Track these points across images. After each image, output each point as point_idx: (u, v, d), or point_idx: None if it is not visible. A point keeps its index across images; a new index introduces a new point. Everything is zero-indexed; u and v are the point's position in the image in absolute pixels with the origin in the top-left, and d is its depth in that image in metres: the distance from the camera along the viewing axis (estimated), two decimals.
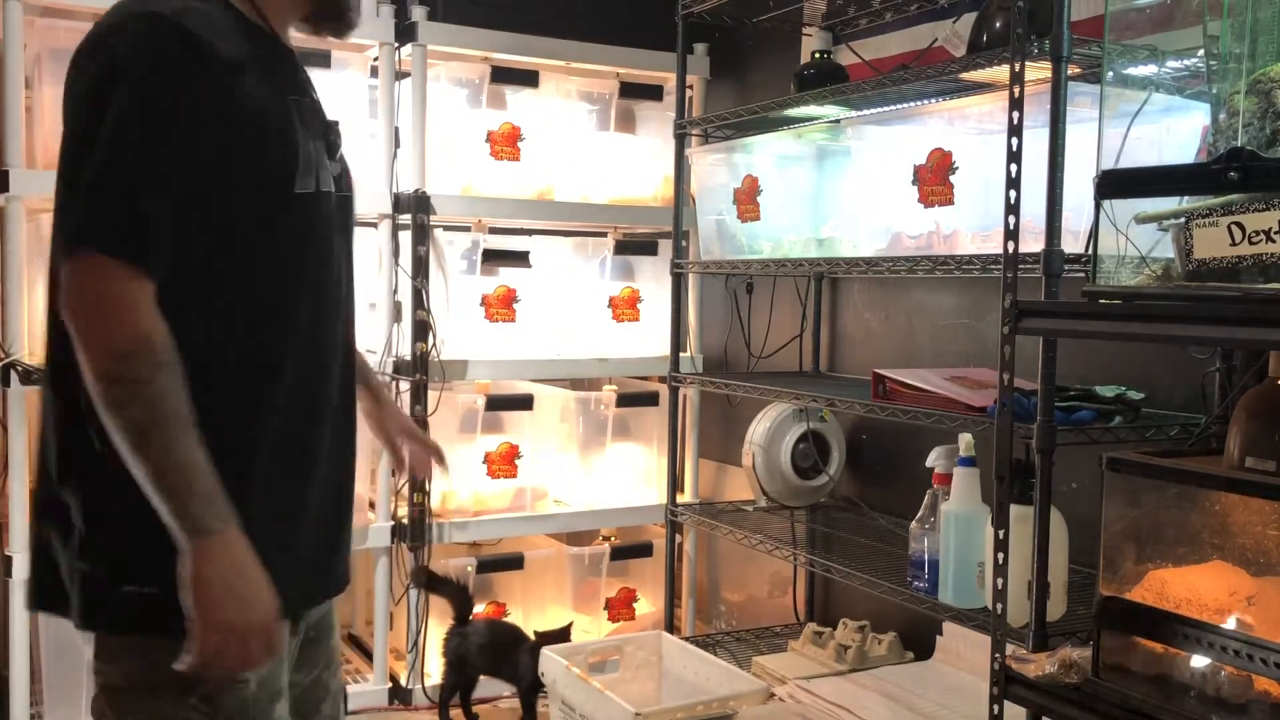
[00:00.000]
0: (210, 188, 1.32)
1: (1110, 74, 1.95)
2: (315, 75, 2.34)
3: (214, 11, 1.37)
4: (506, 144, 3.31)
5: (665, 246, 3.49)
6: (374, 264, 3.21)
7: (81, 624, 1.37)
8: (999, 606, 2.00)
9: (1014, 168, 1.97)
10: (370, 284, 3.21)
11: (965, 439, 2.34)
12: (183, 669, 1.28)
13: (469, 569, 3.26)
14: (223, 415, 1.34)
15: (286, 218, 1.40)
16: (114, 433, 1.25)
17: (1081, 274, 1.98)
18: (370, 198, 3.15)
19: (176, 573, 1.27)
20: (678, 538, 3.47)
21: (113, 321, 1.24)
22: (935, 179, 2.42)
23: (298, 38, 1.55)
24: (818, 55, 3.02)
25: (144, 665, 1.34)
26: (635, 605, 3.56)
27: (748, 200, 3.04)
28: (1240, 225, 1.61)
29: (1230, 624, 1.65)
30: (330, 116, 1.53)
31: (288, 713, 1.45)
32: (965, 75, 2.38)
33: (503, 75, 3.30)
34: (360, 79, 3.16)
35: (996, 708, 1.95)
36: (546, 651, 2.94)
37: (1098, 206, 1.76)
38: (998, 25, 2.31)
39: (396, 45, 3.14)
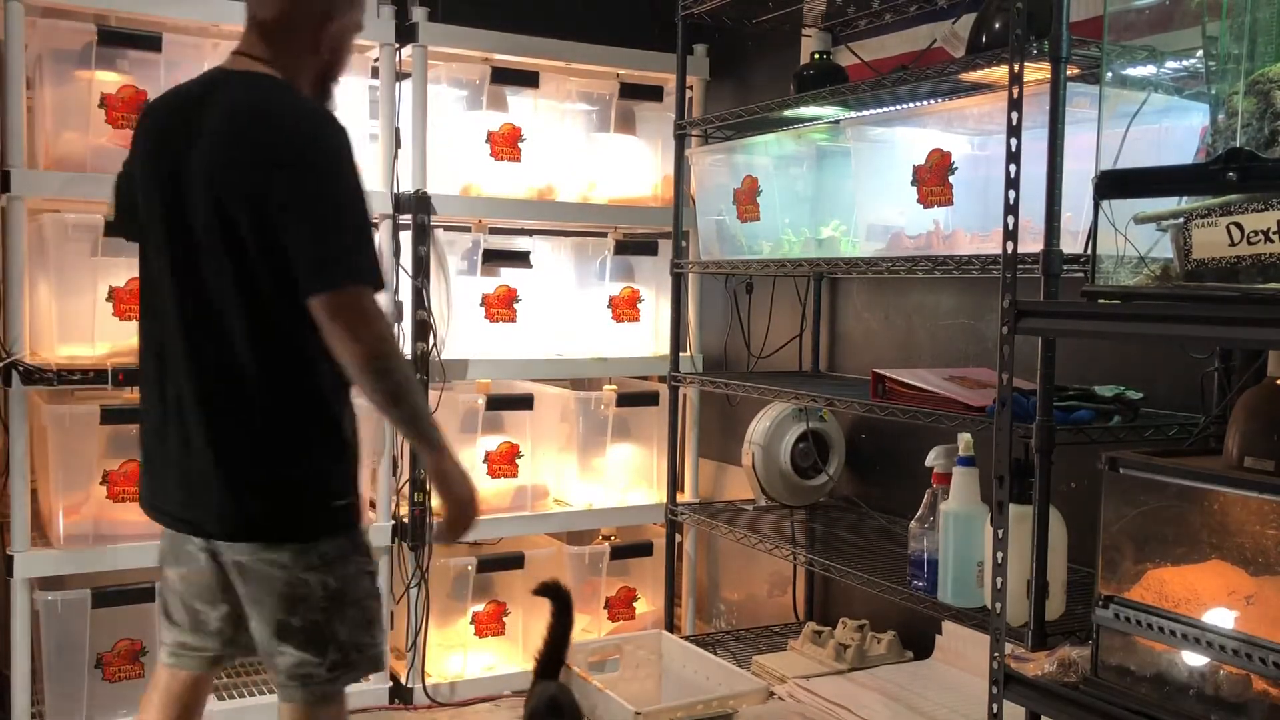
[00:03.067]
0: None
1: (1109, 75, 1.96)
2: None
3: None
4: (507, 144, 3.32)
5: (665, 246, 3.50)
6: None
7: (304, 537, 1.93)
8: (998, 606, 2.00)
9: (1013, 168, 1.97)
10: None
11: (964, 439, 2.34)
12: (437, 535, 2.18)
13: (468, 567, 3.26)
14: (335, 397, 1.97)
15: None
16: (379, 394, 1.88)
17: (1080, 274, 1.99)
18: (371, 198, 3.14)
19: (357, 489, 1.99)
20: (677, 537, 3.48)
21: (376, 327, 1.87)
22: (934, 179, 2.43)
23: None
24: (817, 56, 3.03)
25: (340, 545, 1.97)
26: (635, 604, 3.57)
27: (747, 200, 3.05)
28: (1239, 225, 1.61)
29: (1229, 623, 1.66)
30: None
31: None
32: (964, 76, 2.38)
33: (503, 76, 3.31)
34: (361, 80, 3.16)
35: (995, 707, 1.96)
36: None
37: (1097, 207, 1.77)
38: (997, 26, 2.32)
39: (397, 46, 3.14)
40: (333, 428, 1.96)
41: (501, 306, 3.32)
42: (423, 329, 3.16)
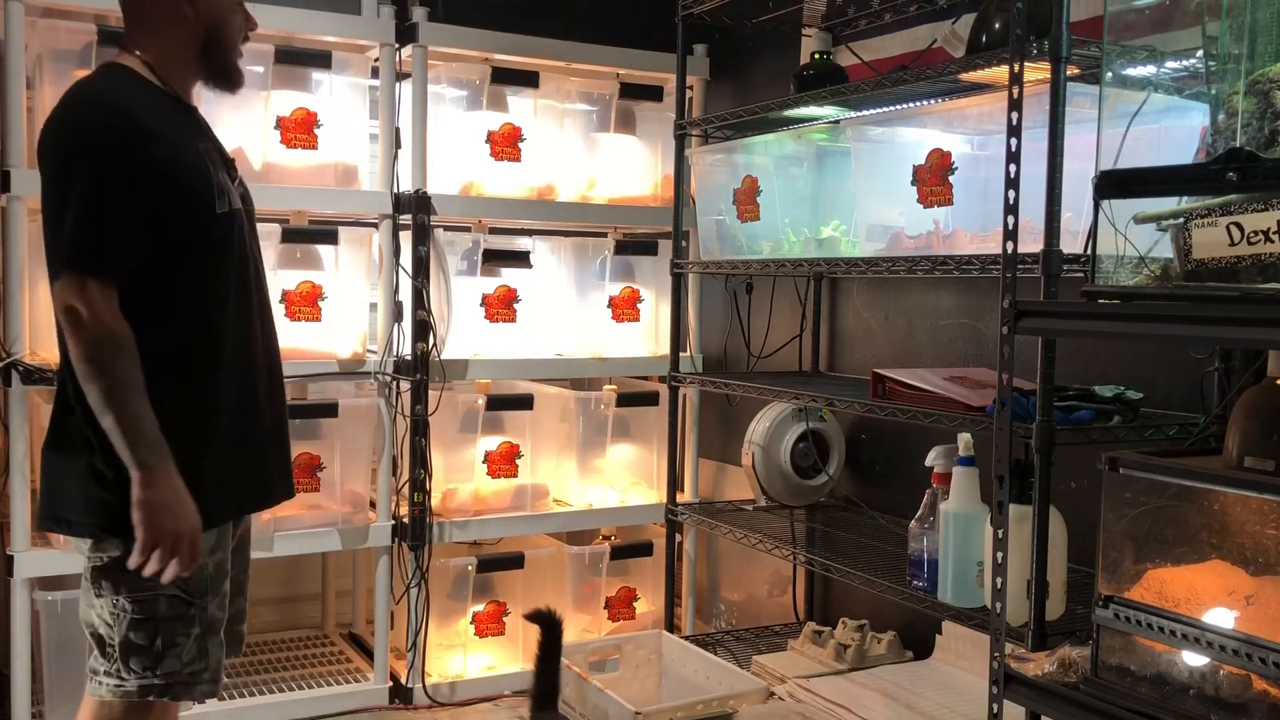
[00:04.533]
0: (153, 218, 1.85)
1: (1109, 75, 1.96)
2: (315, 75, 2.41)
3: (133, 89, 1.91)
4: (507, 144, 3.32)
5: (665, 246, 3.50)
6: (374, 264, 3.22)
7: (92, 531, 1.87)
8: (998, 606, 2.00)
9: (1013, 168, 1.97)
10: (372, 284, 3.23)
11: (964, 439, 2.35)
12: (132, 565, 1.82)
13: (468, 567, 3.26)
14: (177, 383, 1.88)
15: (212, 230, 1.93)
16: (88, 395, 1.78)
17: (1080, 274, 1.99)
18: (371, 198, 3.15)
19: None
20: (677, 537, 3.48)
21: (90, 320, 1.78)
22: (934, 179, 2.43)
23: (301, 38, 1.69)
24: (817, 56, 3.03)
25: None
26: (635, 604, 3.57)
27: (747, 200, 3.05)
28: (1239, 225, 1.61)
29: (1229, 623, 1.66)
30: (228, 151, 2.08)
31: (228, 588, 2.02)
32: (964, 76, 2.38)
33: (503, 76, 3.31)
34: (361, 80, 3.16)
35: (996, 707, 1.96)
36: None
37: (1097, 207, 1.77)
38: (997, 26, 2.32)
39: (397, 46, 3.14)
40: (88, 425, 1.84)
41: (501, 306, 3.32)
42: (423, 329, 3.16)
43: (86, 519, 1.87)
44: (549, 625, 2.33)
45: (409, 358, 3.16)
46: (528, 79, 3.34)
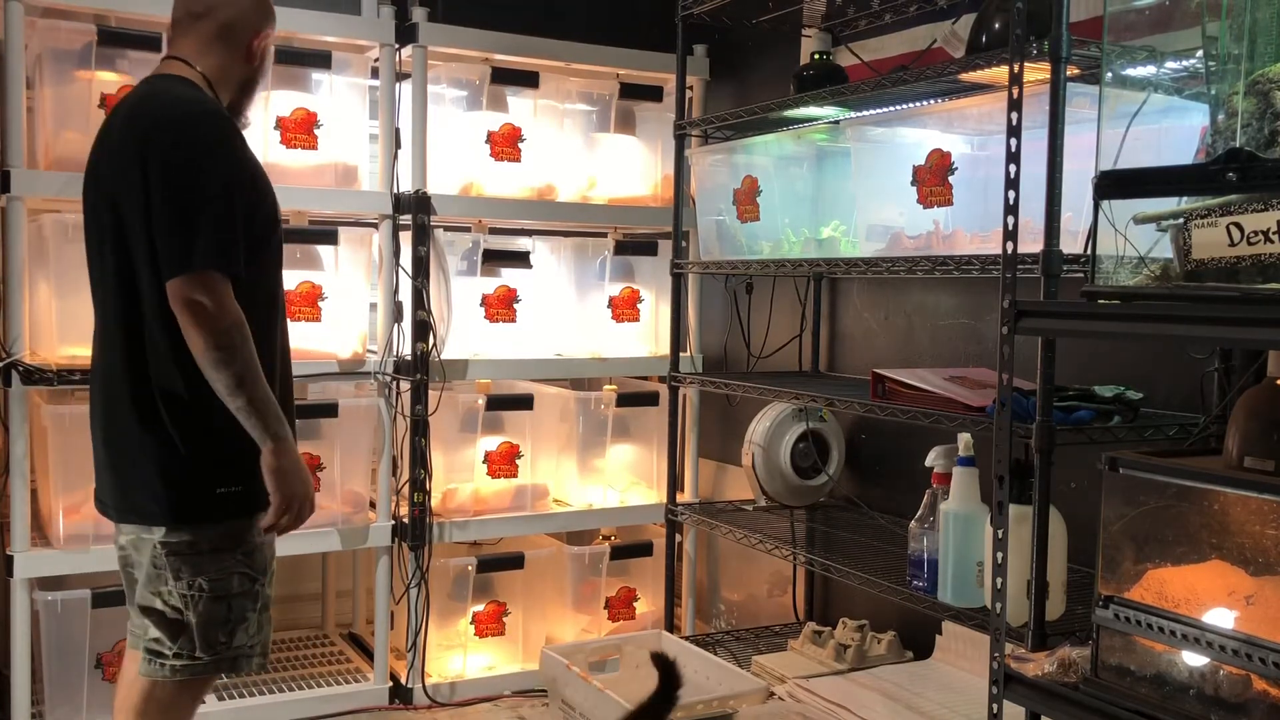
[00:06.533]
0: (247, 219, 2.03)
1: (1109, 75, 1.96)
2: (315, 76, 2.73)
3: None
4: (507, 144, 3.32)
5: (665, 246, 3.50)
6: (374, 264, 3.22)
7: (171, 522, 2.02)
8: (998, 606, 2.00)
9: (1013, 168, 1.98)
10: (372, 285, 3.22)
11: (964, 439, 2.35)
12: (265, 525, 2.05)
13: (468, 567, 3.26)
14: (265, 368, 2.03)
15: (275, 234, 2.14)
16: (218, 382, 1.93)
17: (1080, 274, 1.99)
18: (371, 198, 3.15)
19: (250, 474, 2.02)
20: (677, 537, 3.48)
21: (218, 312, 1.93)
22: (934, 179, 2.43)
23: (301, 38, 1.92)
24: (817, 56, 3.03)
25: (213, 536, 2.04)
26: (635, 604, 3.57)
27: (747, 200, 3.05)
28: (1239, 225, 1.61)
29: (1229, 623, 1.66)
30: None
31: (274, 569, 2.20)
32: (964, 76, 2.38)
33: (503, 76, 3.31)
34: (361, 80, 3.16)
35: (995, 707, 1.96)
36: (546, 651, 2.95)
37: (1096, 207, 1.77)
38: (996, 26, 2.32)
39: (397, 46, 3.14)
40: (204, 416, 2.01)
41: (501, 307, 3.33)
42: (423, 329, 3.16)
43: (163, 509, 2.01)
44: (668, 674, 2.21)
45: (409, 358, 3.16)
46: (528, 79, 3.34)
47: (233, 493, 2.04)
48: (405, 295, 3.18)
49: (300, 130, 3.05)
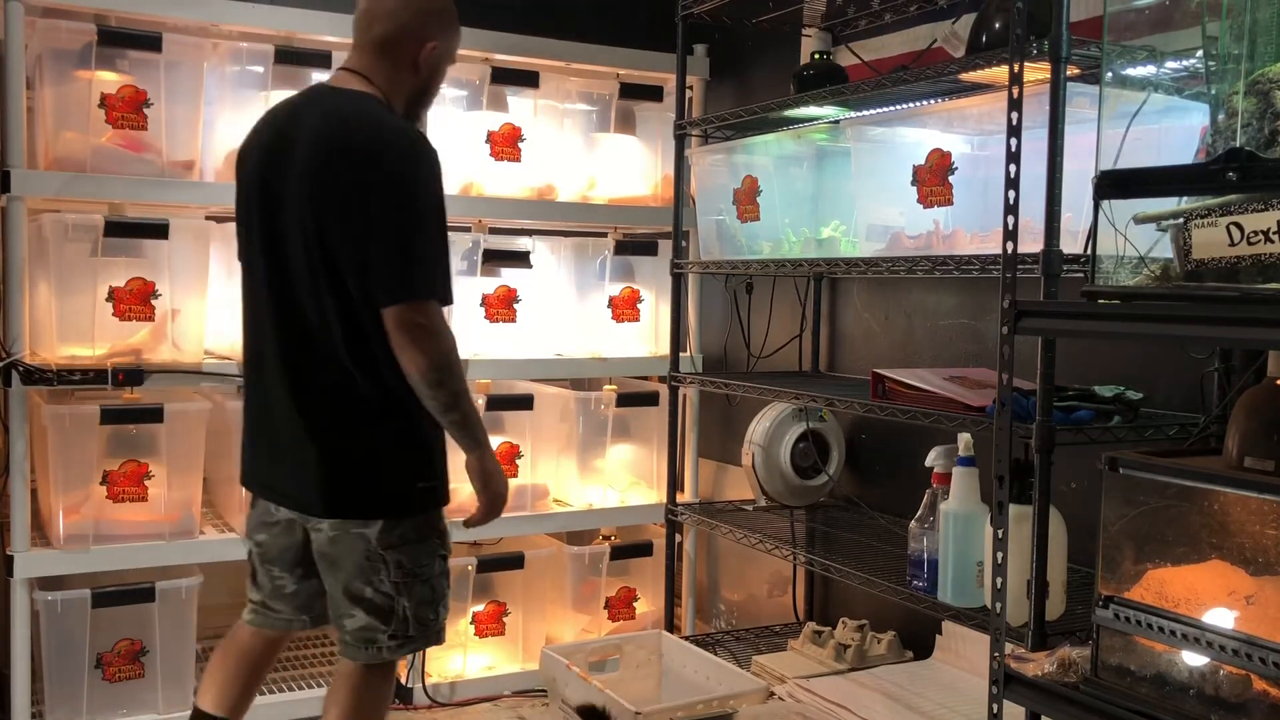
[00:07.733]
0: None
1: (1109, 75, 1.96)
2: (315, 76, 2.53)
3: None
4: (507, 144, 3.32)
5: (665, 246, 3.50)
6: None
7: (389, 516, 2.16)
8: (998, 606, 2.00)
9: (1013, 168, 1.97)
10: None
11: (964, 439, 2.34)
12: (474, 524, 2.28)
13: (468, 567, 3.26)
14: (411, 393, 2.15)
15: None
16: (435, 399, 2.10)
17: (1080, 274, 1.99)
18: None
19: (439, 469, 2.23)
20: (677, 537, 3.48)
21: (440, 334, 2.09)
22: (934, 179, 2.43)
23: (301, 38, 1.73)
24: (817, 56, 3.03)
25: (419, 526, 2.21)
26: (635, 604, 3.57)
27: (747, 200, 3.05)
28: (1239, 225, 1.61)
29: (1229, 623, 1.66)
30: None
31: None
32: (964, 76, 2.38)
33: (503, 76, 3.31)
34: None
35: (995, 707, 1.96)
36: (547, 651, 2.95)
37: (1097, 207, 1.77)
38: (997, 26, 2.32)
39: None
40: (409, 419, 2.15)
41: (501, 306, 3.32)
42: None
43: (383, 506, 2.16)
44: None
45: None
46: (528, 79, 3.34)
47: (430, 486, 2.21)
48: None
49: None
